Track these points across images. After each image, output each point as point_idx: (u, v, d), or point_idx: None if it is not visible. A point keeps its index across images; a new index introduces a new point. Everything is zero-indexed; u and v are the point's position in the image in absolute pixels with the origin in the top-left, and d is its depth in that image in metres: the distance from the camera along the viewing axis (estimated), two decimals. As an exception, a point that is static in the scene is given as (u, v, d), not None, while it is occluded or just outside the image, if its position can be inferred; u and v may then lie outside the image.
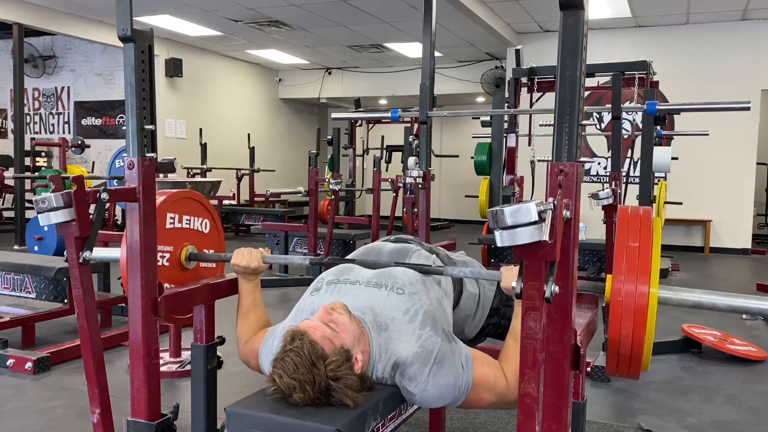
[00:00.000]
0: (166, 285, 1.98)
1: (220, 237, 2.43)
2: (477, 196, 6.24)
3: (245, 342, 1.84)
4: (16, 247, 7.30)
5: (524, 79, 5.61)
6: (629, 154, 7.24)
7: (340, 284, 1.73)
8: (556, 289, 1.14)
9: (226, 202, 9.55)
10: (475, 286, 1.94)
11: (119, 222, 8.12)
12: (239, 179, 10.26)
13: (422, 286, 1.69)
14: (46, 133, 10.97)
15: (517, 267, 1.26)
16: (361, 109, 9.87)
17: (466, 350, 1.60)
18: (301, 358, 1.42)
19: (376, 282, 1.70)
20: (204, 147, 9.67)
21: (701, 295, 1.48)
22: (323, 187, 5.97)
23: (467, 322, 1.92)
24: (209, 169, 9.65)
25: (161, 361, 2.79)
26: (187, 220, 2.25)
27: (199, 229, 2.32)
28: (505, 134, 5.51)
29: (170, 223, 2.18)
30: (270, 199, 9.95)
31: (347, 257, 1.93)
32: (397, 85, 11.75)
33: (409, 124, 8.57)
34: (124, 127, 1.70)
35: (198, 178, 9.14)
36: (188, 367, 2.73)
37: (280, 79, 12.75)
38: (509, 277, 1.63)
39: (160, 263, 2.02)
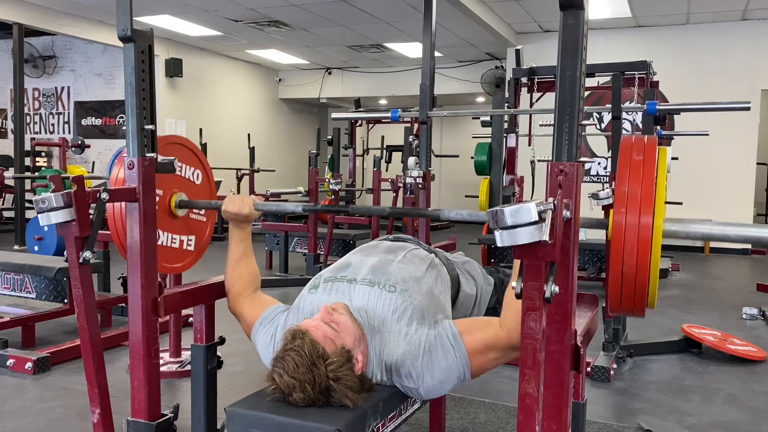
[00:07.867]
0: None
1: (212, 190, 2.36)
2: (477, 196, 6.24)
3: (237, 294, 1.85)
4: (16, 247, 7.30)
5: (524, 79, 5.60)
6: (629, 154, 7.22)
7: (338, 282, 1.73)
8: (556, 289, 1.14)
9: (226, 202, 9.53)
10: (473, 288, 1.93)
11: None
12: (239, 179, 10.24)
13: (415, 284, 1.69)
14: (46, 133, 10.96)
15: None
16: (361, 109, 9.86)
17: (451, 328, 1.57)
18: (301, 357, 1.42)
19: (371, 279, 1.69)
20: (204, 147, 9.66)
21: (711, 227, 1.37)
22: (323, 187, 5.97)
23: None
24: (209, 169, 9.65)
25: (161, 361, 2.79)
26: (178, 166, 2.15)
27: (191, 179, 2.26)
28: (505, 134, 5.51)
29: None
30: (270, 199, 9.92)
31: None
32: (397, 85, 11.75)
33: (409, 124, 8.56)
34: (124, 127, 1.69)
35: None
36: (188, 367, 2.72)
37: (280, 79, 12.75)
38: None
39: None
